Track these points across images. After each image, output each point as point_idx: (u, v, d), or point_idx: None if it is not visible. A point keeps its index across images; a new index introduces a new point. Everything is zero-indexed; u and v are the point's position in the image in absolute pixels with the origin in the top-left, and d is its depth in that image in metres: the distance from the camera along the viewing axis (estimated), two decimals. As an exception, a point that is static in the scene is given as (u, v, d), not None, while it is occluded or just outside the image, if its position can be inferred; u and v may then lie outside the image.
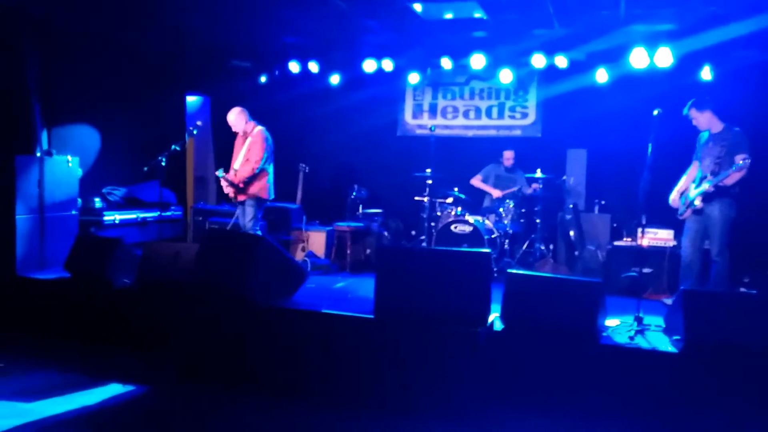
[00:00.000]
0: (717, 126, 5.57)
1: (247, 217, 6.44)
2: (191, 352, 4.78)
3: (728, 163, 5.31)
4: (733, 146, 5.35)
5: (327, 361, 4.37)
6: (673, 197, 5.77)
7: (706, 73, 7.09)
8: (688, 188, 5.65)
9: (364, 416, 4.01)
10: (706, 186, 5.40)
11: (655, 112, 4.86)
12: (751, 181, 5.56)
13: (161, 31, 7.92)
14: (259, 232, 6.57)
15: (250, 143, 6.45)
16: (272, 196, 6.62)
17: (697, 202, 5.48)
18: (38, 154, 6.85)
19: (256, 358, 4.57)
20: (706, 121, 5.58)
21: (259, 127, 6.54)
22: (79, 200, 7.14)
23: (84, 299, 5.48)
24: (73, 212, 6.97)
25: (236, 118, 6.51)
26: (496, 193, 7.96)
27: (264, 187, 6.47)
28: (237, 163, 6.47)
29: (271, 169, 6.56)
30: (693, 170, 5.74)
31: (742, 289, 6.22)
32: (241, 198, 6.45)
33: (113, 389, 4.32)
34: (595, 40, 7.34)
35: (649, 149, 4.82)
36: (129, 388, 4.36)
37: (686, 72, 7.12)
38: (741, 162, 5.17)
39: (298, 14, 7.30)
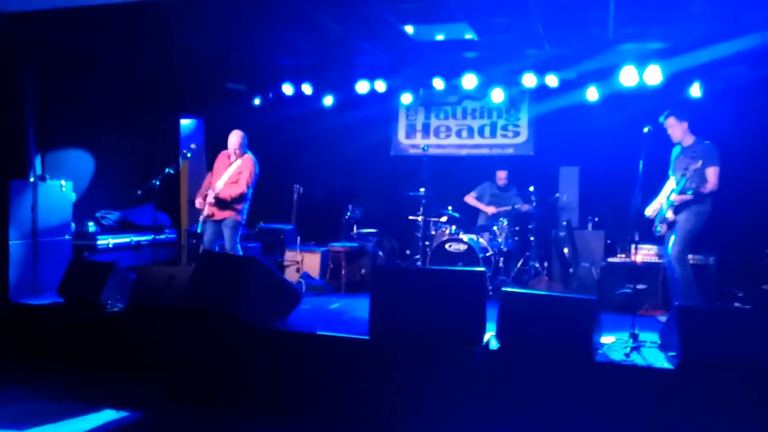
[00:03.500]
0: (689, 139, 5.62)
1: (227, 237, 6.39)
2: (186, 375, 4.74)
3: (698, 176, 5.33)
4: (703, 159, 5.36)
5: (322, 383, 4.34)
6: (649, 212, 5.78)
7: (695, 91, 7.17)
8: (662, 205, 5.68)
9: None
10: (672, 196, 5.43)
11: (646, 130, 4.90)
12: (743, 197, 5.60)
13: (155, 54, 7.97)
14: (241, 252, 6.55)
15: (240, 166, 6.46)
16: (245, 221, 6.63)
17: (669, 215, 5.52)
18: (32, 179, 6.85)
19: (250, 381, 4.53)
20: (681, 132, 5.62)
21: (250, 153, 6.59)
22: (73, 225, 7.13)
23: (78, 324, 5.45)
24: (67, 237, 6.95)
25: (237, 140, 6.50)
26: (491, 210, 7.99)
27: (242, 210, 6.49)
28: (220, 182, 6.42)
29: (250, 195, 6.58)
30: (667, 186, 5.75)
31: (737, 305, 6.22)
32: (221, 216, 6.39)
33: (107, 415, 4.27)
34: (586, 60, 7.44)
35: (641, 166, 4.85)
36: (123, 413, 4.31)
37: (675, 89, 7.20)
38: (694, 169, 5.20)
39: (292, 37, 7.37)
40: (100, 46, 7.54)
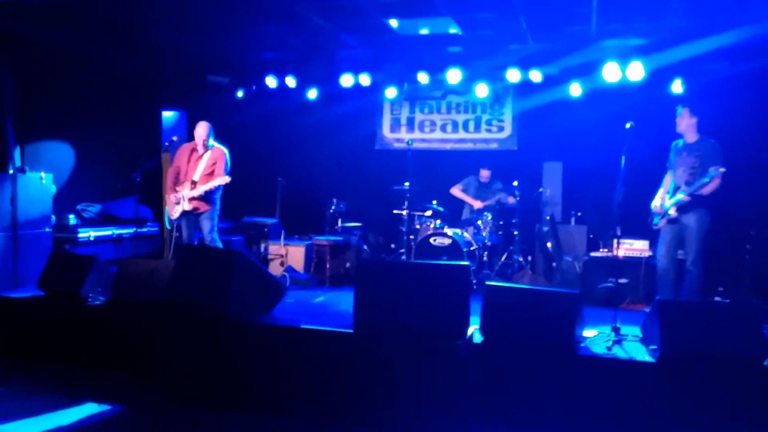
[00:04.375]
0: (693, 136, 5.65)
1: (206, 228, 6.39)
2: (167, 370, 4.71)
3: (702, 174, 5.39)
4: (707, 157, 5.43)
5: (307, 376, 4.34)
6: (655, 203, 5.81)
7: (677, 87, 7.24)
8: (664, 198, 5.72)
9: (345, 431, 3.99)
10: (681, 196, 5.47)
11: (628, 125, 4.94)
12: (724, 192, 5.66)
13: (137, 46, 7.89)
14: (220, 244, 6.53)
15: (213, 157, 6.43)
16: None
17: (672, 212, 5.55)
18: (11, 171, 6.75)
19: (234, 375, 4.52)
20: (687, 126, 5.64)
21: (219, 144, 6.56)
22: (53, 217, 7.04)
23: (58, 318, 5.38)
24: (47, 229, 6.87)
25: (205, 131, 6.46)
26: (477, 204, 8.02)
27: (218, 200, 6.50)
28: (197, 175, 6.38)
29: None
30: (668, 180, 5.82)
31: (717, 299, 6.31)
32: (204, 209, 6.37)
33: (88, 409, 4.24)
34: (569, 55, 7.48)
35: (623, 161, 4.89)
36: (104, 407, 4.28)
37: (658, 85, 7.27)
38: (715, 171, 5.24)
39: (276, 30, 7.33)
40: (80, 37, 7.43)
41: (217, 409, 4.31)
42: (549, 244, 7.84)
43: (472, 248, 7.31)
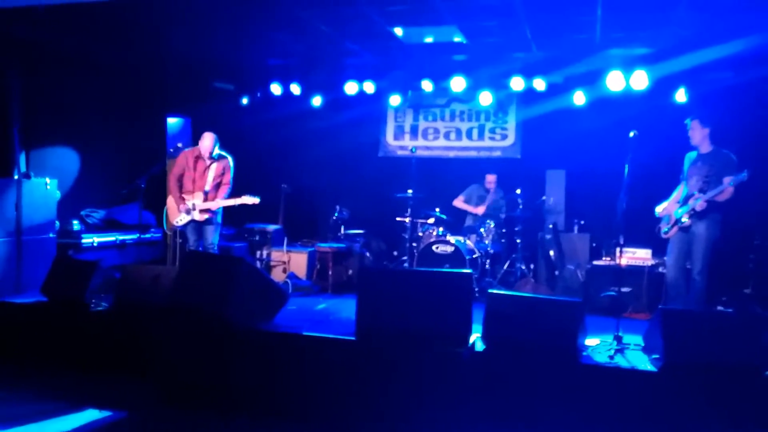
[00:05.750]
0: (707, 146, 5.59)
1: (210, 236, 6.52)
2: (170, 375, 4.71)
3: (716, 183, 5.36)
4: (722, 167, 5.39)
5: (308, 383, 4.34)
6: (659, 210, 5.78)
7: (680, 96, 7.23)
8: (674, 207, 5.66)
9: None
10: (696, 203, 5.42)
11: (631, 134, 4.94)
12: (728, 201, 5.65)
13: (143, 53, 7.92)
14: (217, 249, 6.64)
15: (223, 167, 6.58)
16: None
17: (685, 219, 5.50)
18: (16, 177, 6.79)
19: (236, 381, 4.52)
20: (700, 137, 5.58)
21: (226, 154, 6.68)
22: (57, 223, 7.07)
23: (61, 323, 5.40)
24: (51, 235, 6.90)
25: (212, 142, 6.55)
26: (480, 210, 8.02)
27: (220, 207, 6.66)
28: (207, 185, 6.49)
29: None
30: (679, 193, 5.74)
31: (720, 308, 6.28)
32: (209, 216, 6.50)
33: (90, 415, 4.24)
34: (573, 64, 7.50)
35: (626, 170, 4.89)
36: (106, 413, 4.28)
37: (661, 94, 7.27)
38: (743, 175, 5.19)
39: (281, 37, 7.35)
40: (86, 43, 7.47)
41: (219, 415, 4.30)
42: (552, 252, 7.83)
43: (474, 256, 7.31)
